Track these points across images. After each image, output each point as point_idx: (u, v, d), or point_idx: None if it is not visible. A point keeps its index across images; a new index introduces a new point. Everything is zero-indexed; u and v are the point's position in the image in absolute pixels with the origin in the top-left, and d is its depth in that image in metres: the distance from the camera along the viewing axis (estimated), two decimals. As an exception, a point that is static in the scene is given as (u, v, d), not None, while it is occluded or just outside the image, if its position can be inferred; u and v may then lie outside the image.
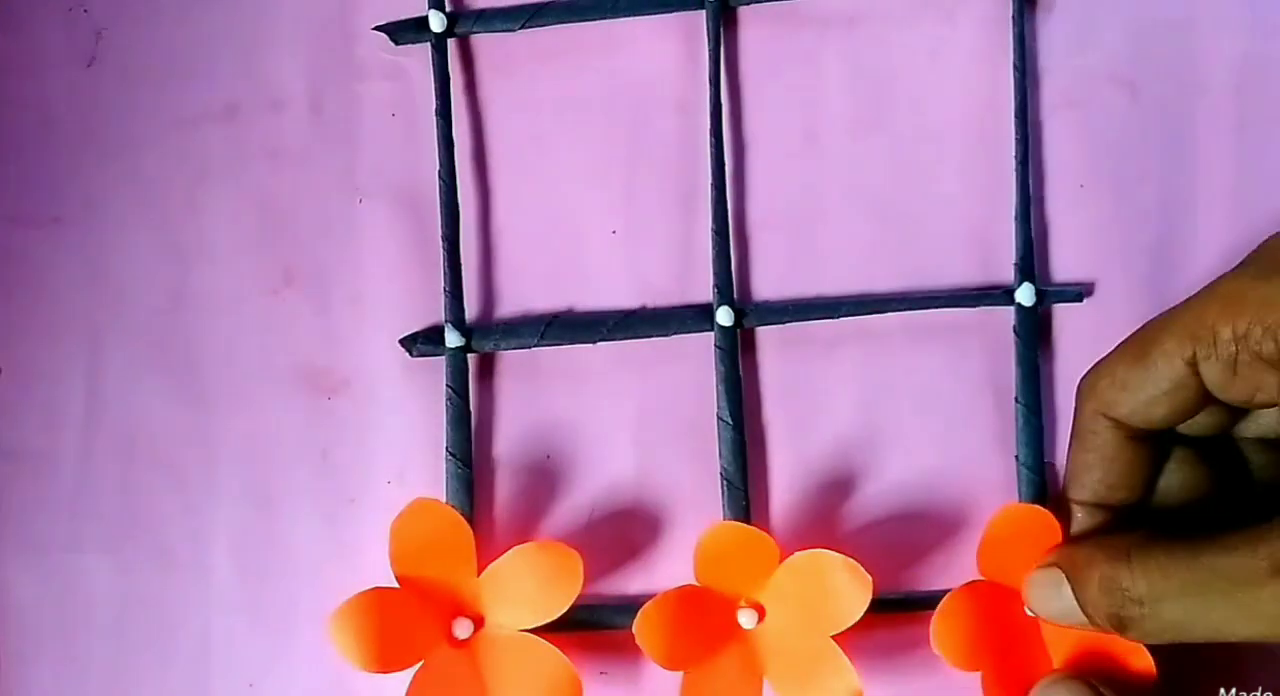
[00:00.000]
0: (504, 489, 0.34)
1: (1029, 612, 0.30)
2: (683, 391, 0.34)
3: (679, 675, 0.31)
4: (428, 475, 0.33)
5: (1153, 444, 0.29)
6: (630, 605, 0.31)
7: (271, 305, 0.34)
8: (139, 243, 0.35)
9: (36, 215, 0.35)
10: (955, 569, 0.33)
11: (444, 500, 0.32)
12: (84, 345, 0.34)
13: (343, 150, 0.34)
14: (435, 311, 0.34)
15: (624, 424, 0.34)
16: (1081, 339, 0.33)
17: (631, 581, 0.33)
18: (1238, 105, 0.34)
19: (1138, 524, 0.30)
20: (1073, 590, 0.28)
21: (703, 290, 0.34)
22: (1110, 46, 0.34)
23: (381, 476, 0.34)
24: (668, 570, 0.33)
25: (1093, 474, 0.30)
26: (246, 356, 0.34)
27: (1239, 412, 0.29)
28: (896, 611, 0.32)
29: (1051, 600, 0.29)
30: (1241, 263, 0.28)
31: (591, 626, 0.32)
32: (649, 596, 0.31)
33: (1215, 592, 0.26)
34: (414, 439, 0.34)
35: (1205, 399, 0.28)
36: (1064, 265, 0.34)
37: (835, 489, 0.34)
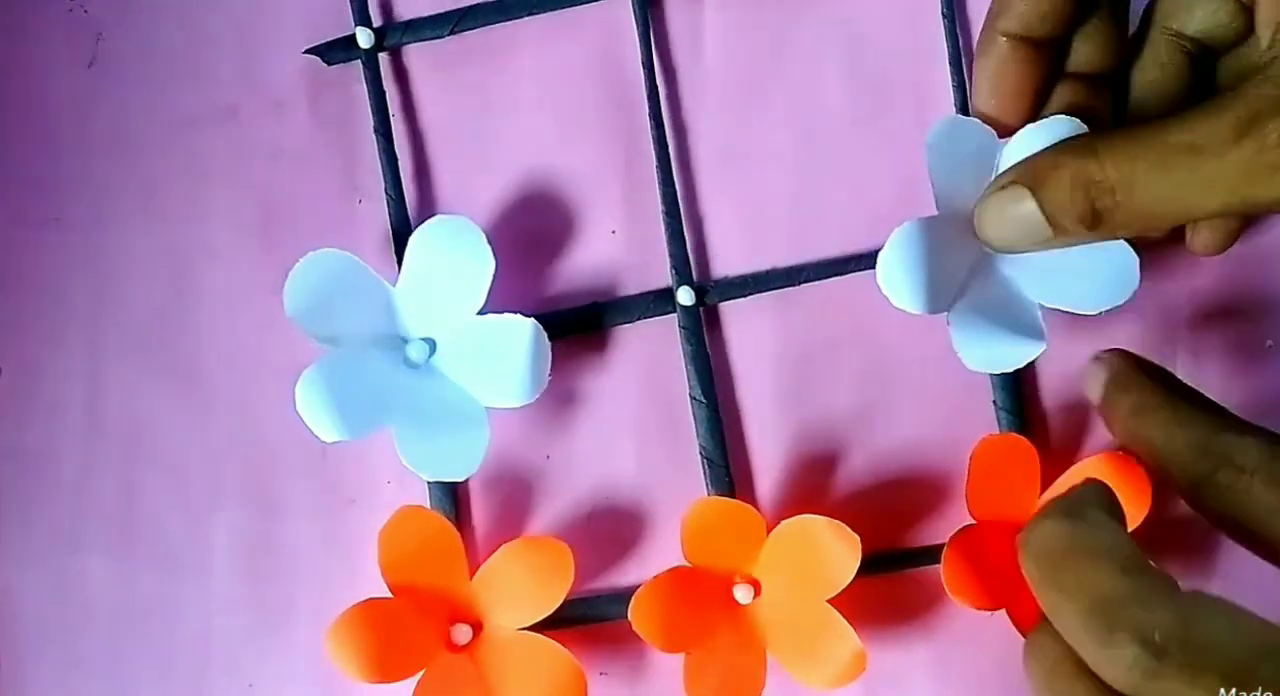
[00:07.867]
0: (485, 492, 0.34)
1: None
2: (654, 380, 0.34)
3: (681, 665, 0.31)
4: (427, 475, 0.33)
5: None
6: (625, 595, 0.31)
7: (272, 305, 0.34)
8: (139, 243, 0.35)
9: (37, 215, 0.35)
10: (944, 524, 0.33)
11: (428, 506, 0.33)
12: (84, 345, 0.34)
13: (343, 150, 0.34)
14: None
15: (597, 419, 0.34)
16: None
17: (624, 574, 0.33)
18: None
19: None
20: (1038, 203, 0.27)
21: (665, 275, 0.34)
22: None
23: (382, 477, 0.34)
24: (659, 558, 0.33)
25: (1021, 3, 0.28)
26: (246, 356, 0.34)
27: None
28: (890, 571, 0.33)
29: (1013, 220, 0.28)
30: None
31: (588, 620, 0.33)
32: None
33: (1183, 168, 0.25)
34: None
35: None
36: None
37: (817, 458, 0.34)
